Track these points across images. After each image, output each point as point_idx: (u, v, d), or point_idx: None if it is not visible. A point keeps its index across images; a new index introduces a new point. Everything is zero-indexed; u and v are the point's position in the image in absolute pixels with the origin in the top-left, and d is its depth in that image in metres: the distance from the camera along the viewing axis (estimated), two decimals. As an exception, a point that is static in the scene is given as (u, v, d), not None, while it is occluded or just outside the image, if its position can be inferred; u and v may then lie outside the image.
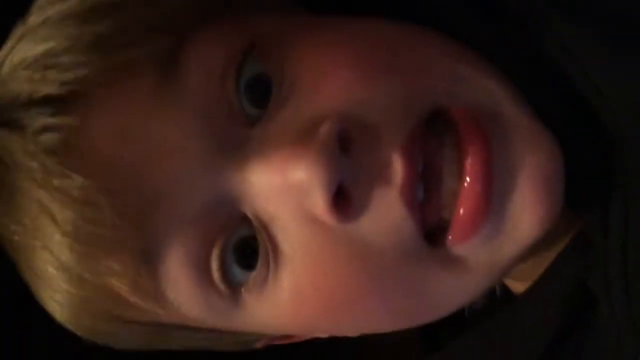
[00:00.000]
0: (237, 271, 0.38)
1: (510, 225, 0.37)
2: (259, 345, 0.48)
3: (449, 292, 0.39)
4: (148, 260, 0.37)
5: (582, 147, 0.40)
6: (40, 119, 0.37)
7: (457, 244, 0.37)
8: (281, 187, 0.36)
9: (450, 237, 0.37)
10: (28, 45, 0.38)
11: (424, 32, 0.41)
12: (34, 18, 0.39)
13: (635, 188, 0.39)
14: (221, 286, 0.38)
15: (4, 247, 0.42)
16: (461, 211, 0.36)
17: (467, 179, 0.36)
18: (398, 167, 0.35)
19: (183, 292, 0.39)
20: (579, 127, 0.41)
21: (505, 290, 0.51)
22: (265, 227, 0.37)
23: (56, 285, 0.40)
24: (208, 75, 0.37)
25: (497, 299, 0.50)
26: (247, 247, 0.38)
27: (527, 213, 0.37)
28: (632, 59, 0.39)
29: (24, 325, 0.57)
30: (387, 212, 0.36)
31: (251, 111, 0.38)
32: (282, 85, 0.37)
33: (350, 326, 0.42)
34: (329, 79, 0.37)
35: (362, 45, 0.38)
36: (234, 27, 0.39)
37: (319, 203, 0.35)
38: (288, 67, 0.38)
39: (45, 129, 0.36)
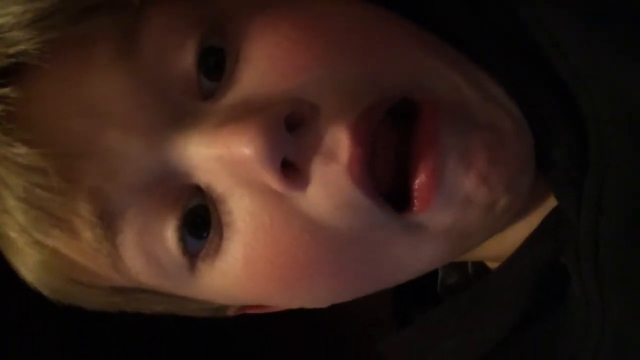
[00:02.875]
0: (191, 240, 0.38)
1: (464, 197, 0.38)
2: (230, 312, 0.48)
3: (410, 258, 0.40)
4: (105, 227, 0.38)
5: (559, 129, 0.40)
6: None
7: (421, 211, 0.37)
8: (228, 161, 0.36)
9: (414, 203, 0.37)
10: None
11: (391, 18, 0.41)
12: None
13: (608, 167, 0.39)
14: (176, 255, 0.38)
15: None
16: (416, 183, 0.37)
17: (420, 164, 0.37)
18: (344, 145, 0.36)
19: (139, 260, 0.39)
20: (557, 107, 0.41)
21: (480, 269, 0.51)
22: (217, 198, 0.38)
23: (19, 248, 0.40)
24: (165, 48, 0.38)
25: (470, 276, 0.51)
26: (199, 217, 0.38)
27: (477, 186, 0.37)
28: (609, 39, 0.40)
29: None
30: (335, 187, 0.36)
31: (207, 84, 0.38)
32: (237, 61, 0.38)
33: (307, 297, 0.42)
34: (283, 59, 0.37)
35: (321, 25, 0.39)
36: (193, 2, 0.39)
37: (266, 173, 0.36)
38: (244, 43, 0.38)
39: None
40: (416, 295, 0.51)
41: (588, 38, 0.40)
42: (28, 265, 0.41)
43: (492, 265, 0.49)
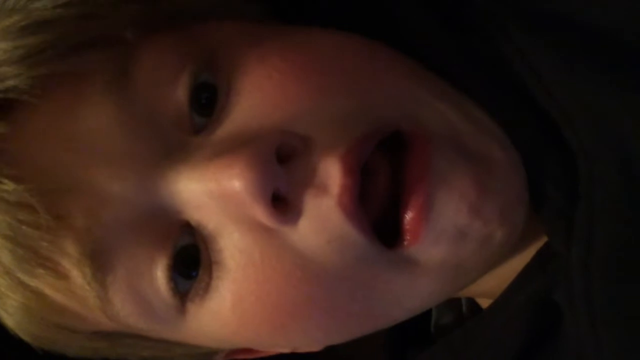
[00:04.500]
0: (180, 280, 0.37)
1: (457, 230, 0.37)
2: (218, 359, 0.46)
3: (402, 295, 0.39)
4: (95, 266, 0.37)
5: (548, 163, 0.40)
6: None
7: (411, 244, 0.37)
8: (218, 196, 0.36)
9: (405, 237, 0.37)
10: None
11: (380, 49, 0.41)
12: None
13: (598, 200, 0.39)
14: (166, 295, 0.37)
15: None
16: (406, 217, 0.36)
17: (409, 196, 0.36)
18: (335, 176, 0.35)
19: (129, 301, 0.38)
20: (545, 140, 0.41)
21: (474, 308, 0.50)
22: (207, 236, 0.37)
23: (1, 290, 0.39)
24: (157, 84, 0.37)
25: (463, 315, 0.50)
26: (188, 256, 0.37)
27: (470, 219, 0.37)
28: (592, 73, 0.40)
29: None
30: (326, 220, 0.36)
31: (198, 120, 0.37)
32: (228, 95, 0.37)
33: (301, 338, 0.41)
34: (274, 91, 0.37)
35: (311, 57, 0.39)
36: (186, 36, 0.39)
37: (256, 208, 0.35)
38: (236, 77, 0.38)
39: None
40: (410, 337, 0.50)
41: (569, 70, 0.40)
42: (9, 309, 0.40)
43: (484, 301, 0.49)
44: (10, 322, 0.40)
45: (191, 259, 0.37)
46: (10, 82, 0.36)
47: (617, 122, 0.39)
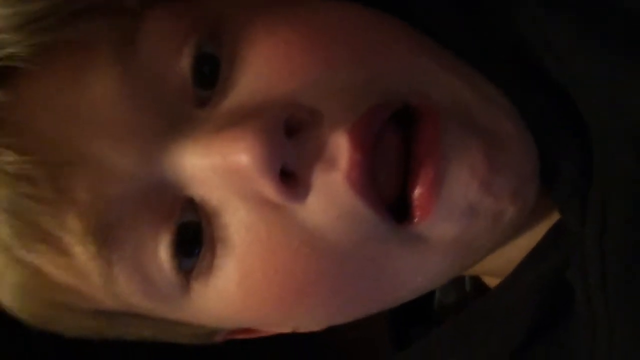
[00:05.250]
0: (183, 258, 0.36)
1: (467, 206, 0.36)
2: (218, 338, 0.45)
3: (411, 273, 0.38)
4: (99, 243, 0.35)
5: (562, 139, 0.40)
6: None
7: (421, 221, 0.36)
8: (223, 171, 0.34)
9: (415, 213, 0.36)
10: None
11: (390, 21, 0.40)
12: None
13: (612, 178, 0.38)
14: (169, 273, 0.36)
15: None
16: (416, 192, 0.35)
17: (420, 168, 0.36)
18: (344, 150, 0.34)
19: (133, 279, 0.37)
20: (559, 115, 0.40)
21: (478, 287, 0.50)
22: (211, 212, 0.36)
23: None
24: (161, 55, 0.36)
25: (467, 294, 0.49)
26: (190, 233, 0.36)
27: (481, 195, 0.36)
28: (611, 50, 0.39)
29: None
30: (335, 196, 0.35)
31: (202, 92, 0.36)
32: (232, 66, 0.36)
33: (306, 317, 0.40)
34: (281, 62, 0.36)
35: (320, 28, 0.37)
36: (191, 4, 0.38)
37: (265, 183, 0.34)
38: (241, 46, 0.36)
39: None
40: (413, 316, 0.49)
41: (585, 45, 0.39)
42: (5, 288, 0.38)
43: (490, 280, 0.48)
44: (7, 300, 0.39)
45: (193, 236, 0.36)
46: (10, 50, 0.34)
47: (632, 100, 0.38)
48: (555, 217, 0.41)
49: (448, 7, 0.43)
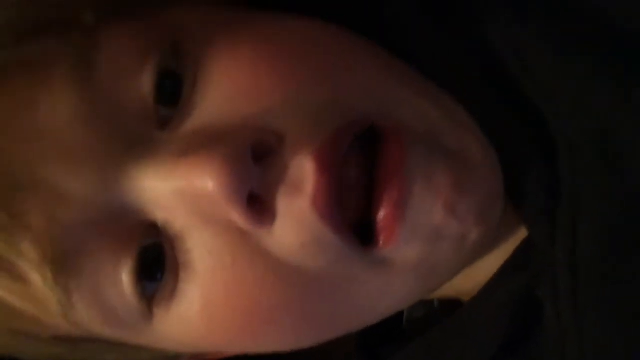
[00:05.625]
0: (146, 283, 0.36)
1: (432, 229, 0.36)
2: (184, 359, 0.45)
3: (377, 296, 0.38)
4: (57, 270, 0.35)
5: (529, 157, 0.40)
6: None
7: (386, 244, 0.36)
8: (188, 195, 0.34)
9: (380, 237, 0.35)
10: None
11: (355, 40, 0.40)
12: None
13: (581, 194, 0.38)
14: (131, 299, 0.36)
15: None
16: (380, 215, 0.35)
17: (383, 190, 0.35)
18: (309, 175, 0.34)
19: (93, 306, 0.36)
20: (526, 134, 0.40)
21: (446, 302, 0.50)
22: (174, 236, 0.35)
23: None
24: (120, 73, 0.35)
25: (436, 309, 0.49)
26: (152, 257, 0.35)
27: (446, 218, 0.36)
28: (579, 60, 0.39)
29: None
30: (302, 222, 0.34)
31: (164, 112, 0.35)
32: (195, 86, 0.35)
33: (271, 343, 0.40)
34: (245, 83, 0.35)
35: (284, 47, 0.37)
36: (150, 21, 0.37)
37: (231, 209, 0.33)
38: (203, 66, 0.36)
39: None
40: (381, 331, 0.49)
41: (558, 61, 0.39)
42: None
43: (462, 296, 0.48)
44: None
45: (155, 261, 0.36)
46: None
47: (604, 114, 0.38)
48: (522, 232, 0.41)
49: (416, 21, 0.42)
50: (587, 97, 0.39)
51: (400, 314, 0.50)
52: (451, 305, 0.49)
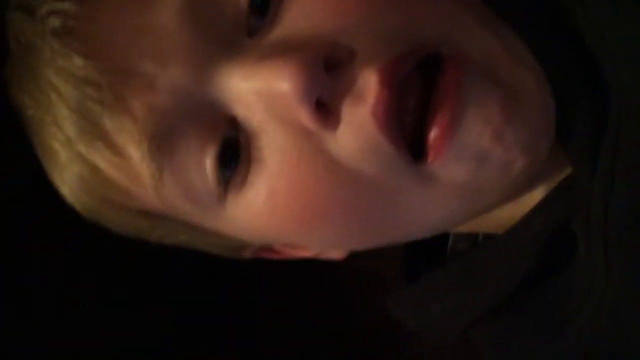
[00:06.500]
0: (224, 170, 0.40)
1: (478, 152, 0.39)
2: (247, 254, 0.50)
3: (422, 210, 0.41)
4: (154, 148, 0.40)
5: (579, 94, 0.42)
6: (46, 4, 0.40)
7: (434, 161, 0.38)
8: (265, 95, 0.38)
9: (429, 153, 0.38)
10: None
11: None
12: None
13: (625, 136, 0.40)
14: (211, 182, 0.40)
15: (22, 122, 0.45)
16: (432, 133, 0.38)
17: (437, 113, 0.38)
18: (372, 87, 0.37)
19: (179, 184, 0.41)
20: (581, 73, 0.42)
21: (490, 237, 0.53)
22: (251, 132, 0.39)
23: (60, 162, 0.43)
24: None
25: (479, 242, 0.52)
26: (230, 148, 0.40)
27: (492, 143, 0.39)
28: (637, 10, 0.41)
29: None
30: (361, 129, 0.38)
31: (254, 21, 0.40)
32: (283, 1, 0.39)
33: (324, 239, 0.43)
34: (325, 3, 0.39)
35: None
36: None
37: (301, 110, 0.37)
38: None
39: (50, 12, 0.40)
40: (426, 258, 0.52)
41: (616, 5, 0.41)
42: (65, 179, 0.44)
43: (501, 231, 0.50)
44: (65, 190, 0.44)
45: (232, 152, 0.40)
46: None
47: None
48: (567, 171, 0.43)
49: None
50: None
51: (445, 246, 0.54)
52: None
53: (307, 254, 0.49)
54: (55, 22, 0.39)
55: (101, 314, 0.65)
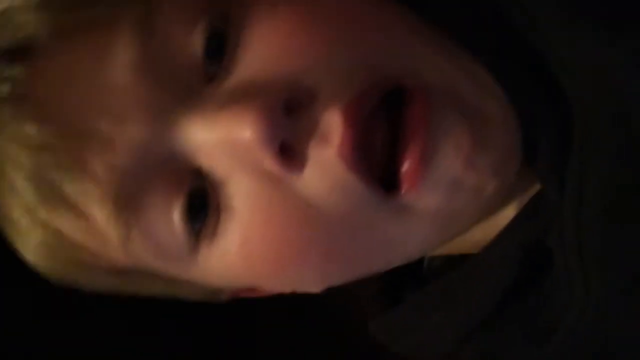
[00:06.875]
0: (193, 221, 0.39)
1: (452, 180, 0.39)
2: (225, 297, 0.49)
3: (399, 241, 0.41)
4: (119, 208, 0.39)
5: (542, 113, 0.42)
6: None
7: (408, 192, 0.38)
8: (228, 144, 0.38)
9: (403, 185, 0.38)
10: None
11: (385, 2, 0.42)
12: None
13: (591, 152, 0.41)
14: (181, 235, 0.40)
15: None
16: (404, 165, 0.38)
17: (408, 146, 0.38)
18: (336, 128, 0.37)
19: (148, 240, 0.40)
20: (542, 93, 0.42)
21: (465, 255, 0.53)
22: (217, 181, 0.39)
23: (22, 229, 0.42)
24: (176, 32, 0.39)
25: (455, 258, 0.52)
26: (198, 199, 0.39)
27: (465, 170, 0.39)
28: (593, 27, 0.41)
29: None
30: (328, 169, 0.38)
31: (211, 68, 0.39)
32: (237, 45, 0.39)
33: (302, 279, 0.43)
34: (282, 43, 0.38)
35: (319, 9, 0.40)
36: None
37: (265, 156, 0.37)
38: (245, 27, 0.39)
39: (0, 79, 0.39)
40: (404, 277, 0.52)
41: (570, 24, 0.41)
42: (30, 247, 0.42)
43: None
44: (30, 257, 0.43)
45: (200, 202, 0.39)
46: (31, 29, 0.38)
47: (615, 75, 0.40)
48: (536, 188, 0.44)
49: None
50: (601, 61, 0.40)
51: (421, 263, 0.54)
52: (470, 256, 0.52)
53: (285, 290, 0.48)
54: (4, 88, 0.38)
55: (101, 315, 0.64)
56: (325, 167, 0.38)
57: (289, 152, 0.38)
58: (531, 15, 0.42)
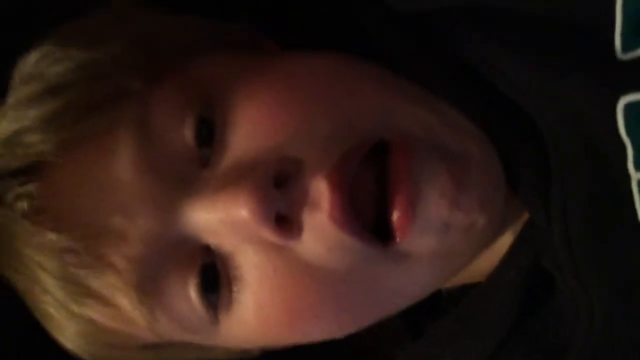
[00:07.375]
0: (209, 295, 0.42)
1: (440, 222, 0.41)
2: (254, 352, 0.51)
3: (402, 285, 0.43)
4: (141, 294, 0.42)
5: (520, 148, 0.44)
6: (12, 190, 0.43)
7: (402, 240, 0.40)
8: (230, 223, 0.40)
9: (396, 235, 0.41)
10: (3, 125, 0.44)
11: (356, 64, 0.45)
12: (9, 99, 0.44)
13: (568, 176, 0.43)
14: (200, 310, 0.42)
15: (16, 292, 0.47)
16: (394, 216, 0.40)
17: (395, 196, 0.40)
18: (324, 194, 0.39)
19: (171, 319, 0.43)
20: (515, 127, 0.44)
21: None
22: (225, 256, 0.42)
23: (58, 322, 0.45)
24: (169, 127, 0.42)
25: (469, 286, 0.53)
26: (210, 273, 0.42)
27: (451, 212, 0.41)
28: (550, 59, 0.43)
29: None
30: (324, 233, 0.40)
31: (204, 152, 0.42)
32: (225, 130, 0.42)
33: (319, 334, 0.46)
34: (264, 121, 0.41)
35: (294, 84, 0.42)
36: (185, 78, 0.43)
37: (263, 230, 0.40)
38: (229, 111, 0.42)
39: (18, 197, 0.42)
40: (425, 307, 0.54)
41: (530, 65, 0.43)
42: (67, 336, 0.46)
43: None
44: (70, 346, 0.47)
45: (212, 276, 0.42)
46: (40, 148, 0.41)
47: (577, 105, 0.42)
48: (527, 214, 0.46)
49: (403, 45, 0.47)
50: (564, 94, 0.42)
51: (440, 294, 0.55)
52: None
53: (299, 342, 0.50)
54: (23, 205, 0.42)
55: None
56: (321, 231, 0.40)
57: (285, 221, 0.40)
58: (494, 63, 0.44)
